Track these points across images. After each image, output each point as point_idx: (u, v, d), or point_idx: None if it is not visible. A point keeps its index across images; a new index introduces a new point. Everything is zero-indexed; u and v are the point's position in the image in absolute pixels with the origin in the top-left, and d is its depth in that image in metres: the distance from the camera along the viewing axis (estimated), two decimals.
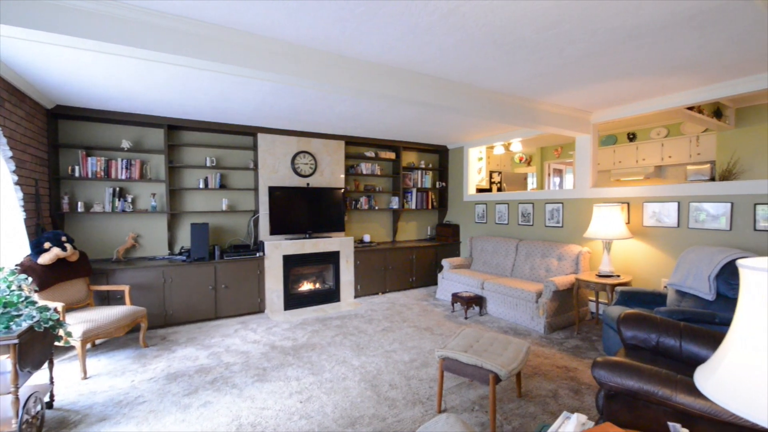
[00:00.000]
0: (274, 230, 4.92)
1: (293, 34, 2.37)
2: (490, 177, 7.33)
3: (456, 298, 4.59)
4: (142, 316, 3.56)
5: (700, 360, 1.94)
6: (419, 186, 6.51)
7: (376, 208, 6.06)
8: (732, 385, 0.95)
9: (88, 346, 3.58)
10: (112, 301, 3.88)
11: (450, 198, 6.74)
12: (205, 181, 4.71)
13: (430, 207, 6.61)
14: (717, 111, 4.95)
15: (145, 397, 2.71)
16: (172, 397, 2.71)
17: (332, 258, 5.22)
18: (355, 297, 5.43)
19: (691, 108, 4.46)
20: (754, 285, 0.94)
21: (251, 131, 4.82)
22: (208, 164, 4.70)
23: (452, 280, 5.17)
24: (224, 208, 4.83)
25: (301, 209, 5.13)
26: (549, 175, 8.59)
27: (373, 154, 5.95)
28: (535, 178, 8.66)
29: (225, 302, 4.47)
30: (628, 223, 4.06)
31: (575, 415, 1.59)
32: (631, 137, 6.44)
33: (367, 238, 5.91)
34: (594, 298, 4.44)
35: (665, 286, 3.53)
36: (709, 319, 2.51)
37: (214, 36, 2.27)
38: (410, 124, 4.87)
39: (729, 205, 3.35)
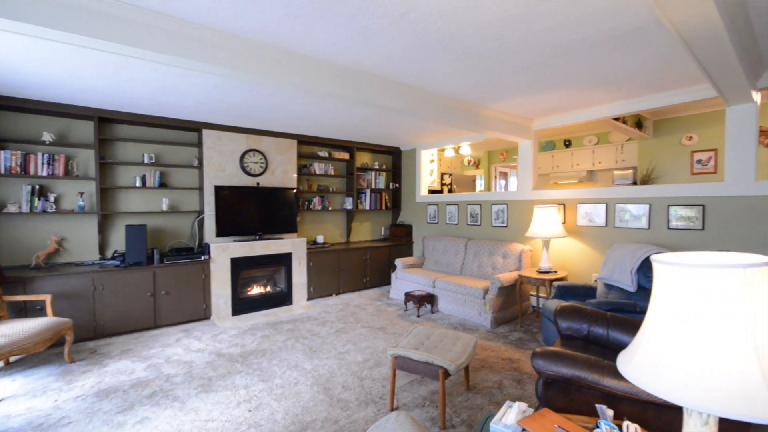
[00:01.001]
0: (222, 232, 4.68)
1: (240, 26, 2.28)
2: (442, 179, 7.57)
3: (409, 297, 4.68)
4: (67, 328, 3.21)
5: (625, 346, 2.15)
6: (373, 187, 6.54)
7: (330, 208, 6.00)
8: (647, 368, 1.07)
9: (1, 364, 3.16)
10: (31, 312, 3.46)
11: (403, 199, 6.86)
12: (143, 179, 4.36)
13: (383, 207, 6.68)
14: (638, 122, 5.52)
15: (72, 417, 2.45)
16: (103, 415, 2.47)
17: (284, 260, 5.08)
18: (308, 299, 5.33)
19: (617, 119, 4.93)
20: (664, 277, 1.07)
21: (195, 127, 4.55)
22: (146, 161, 4.36)
23: (405, 279, 5.26)
24: (165, 208, 4.51)
25: (251, 210, 4.93)
26: (495, 177, 9.05)
27: (326, 154, 5.88)
28: (482, 181, 9.08)
29: (166, 310, 4.17)
30: (564, 222, 4.40)
31: (516, 403, 1.69)
32: (567, 144, 6.98)
33: (320, 239, 5.83)
34: (535, 293, 4.76)
35: (596, 280, 3.87)
36: (631, 309, 2.79)
37: (152, 24, 2.11)
38: (364, 124, 4.89)
39: (648, 206, 3.76)
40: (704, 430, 1.06)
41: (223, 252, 4.55)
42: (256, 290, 4.99)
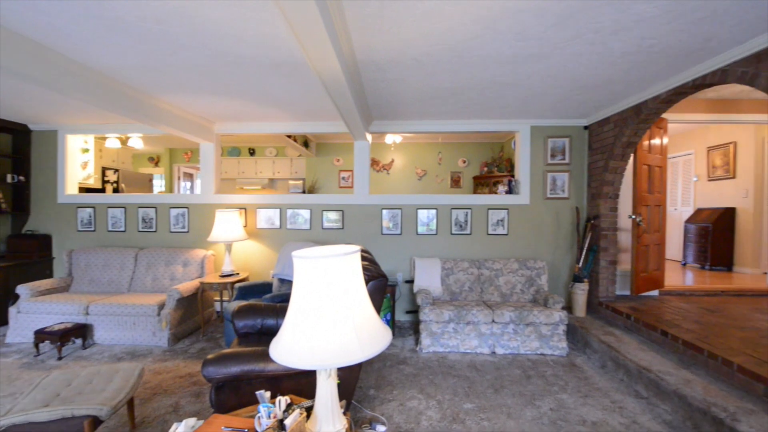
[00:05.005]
0: None
1: None
2: (104, 174, 6.03)
3: (43, 335, 3.38)
4: None
5: None
6: None
7: None
8: (289, 348, 1.29)
9: None
10: None
11: (35, 198, 4.89)
12: None
13: None
14: (305, 142, 6.70)
15: None
16: None
17: None
18: None
19: (290, 136, 5.76)
20: (298, 268, 1.33)
21: None
22: None
23: (37, 312, 3.76)
24: None
25: None
26: (179, 178, 8.25)
27: None
28: (163, 181, 8.04)
29: None
30: (246, 226, 4.64)
31: (183, 422, 1.60)
32: (252, 152, 7.43)
33: None
34: (219, 298, 4.71)
35: (273, 277, 4.33)
36: None
37: None
38: None
39: (309, 211, 4.62)
40: (330, 380, 1.42)
41: None
42: None
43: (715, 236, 5.70)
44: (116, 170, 6.28)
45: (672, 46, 2.46)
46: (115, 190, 6.11)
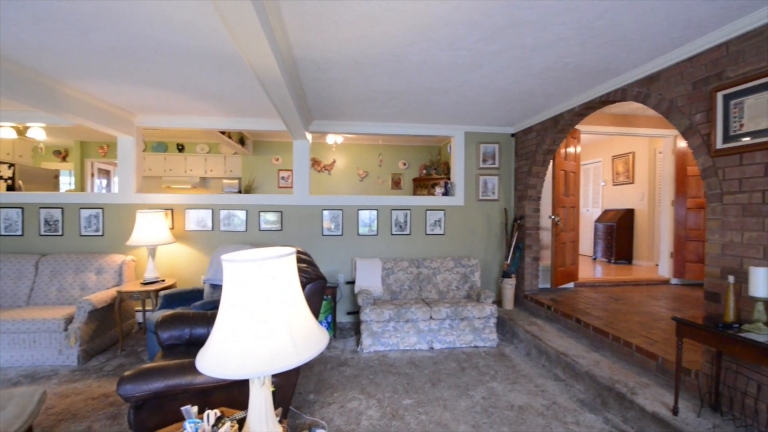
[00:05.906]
0: None
1: None
2: None
3: None
4: None
5: None
6: None
7: None
8: (217, 358, 1.21)
9: None
10: None
11: None
12: None
13: None
14: (242, 140, 6.37)
15: None
16: None
17: None
18: None
19: (224, 132, 5.43)
20: (228, 272, 1.26)
21: None
22: None
23: None
24: None
25: None
26: (93, 175, 7.37)
27: None
28: (73, 178, 7.12)
29: None
30: (173, 228, 4.28)
31: None
32: (181, 148, 6.88)
33: None
34: (141, 308, 4.29)
35: (204, 282, 4.04)
36: None
37: None
38: None
39: (245, 211, 4.40)
40: (263, 388, 1.36)
41: None
42: None
43: (619, 234, 6.51)
44: (11, 165, 5.43)
45: (583, 64, 2.77)
46: (10, 188, 5.28)
